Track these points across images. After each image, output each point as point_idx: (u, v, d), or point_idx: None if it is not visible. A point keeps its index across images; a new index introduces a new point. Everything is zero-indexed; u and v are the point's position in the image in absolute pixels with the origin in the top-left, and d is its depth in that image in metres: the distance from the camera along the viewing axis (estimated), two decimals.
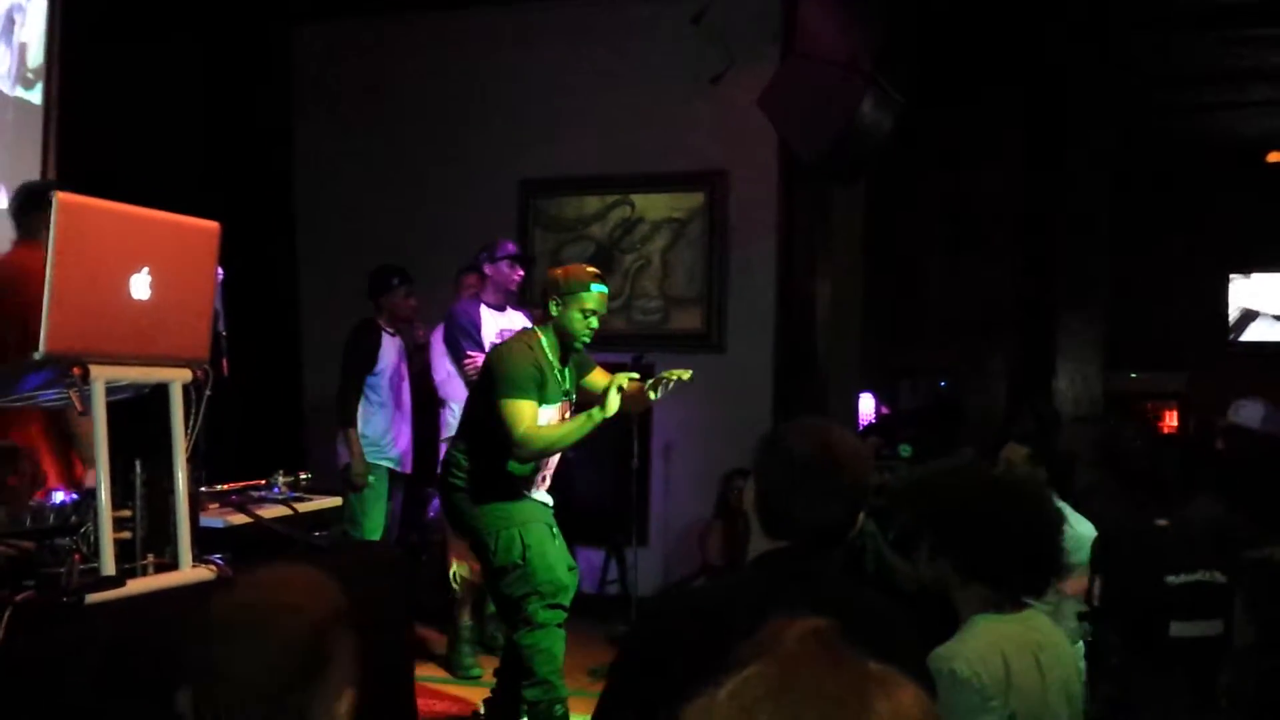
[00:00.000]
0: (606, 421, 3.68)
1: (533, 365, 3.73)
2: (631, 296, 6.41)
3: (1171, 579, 1.56)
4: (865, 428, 7.13)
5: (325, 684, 1.43)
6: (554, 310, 3.81)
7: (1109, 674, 1.62)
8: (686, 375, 3.76)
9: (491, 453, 3.75)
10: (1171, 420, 10.25)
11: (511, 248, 5.22)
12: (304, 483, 2.97)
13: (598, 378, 4.06)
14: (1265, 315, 10.33)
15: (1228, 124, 9.08)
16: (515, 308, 5.29)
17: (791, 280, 6.20)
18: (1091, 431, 4.52)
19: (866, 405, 8.23)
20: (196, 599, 2.32)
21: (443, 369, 5.25)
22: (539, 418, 3.72)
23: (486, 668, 5.09)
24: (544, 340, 3.83)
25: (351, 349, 5.38)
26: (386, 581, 3.08)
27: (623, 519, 6.00)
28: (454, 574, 5.04)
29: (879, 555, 4.32)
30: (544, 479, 3.95)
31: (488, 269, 5.16)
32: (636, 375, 3.82)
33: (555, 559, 3.85)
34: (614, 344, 6.29)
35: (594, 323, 3.85)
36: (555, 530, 3.95)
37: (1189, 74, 8.15)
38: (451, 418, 5.11)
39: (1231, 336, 10.39)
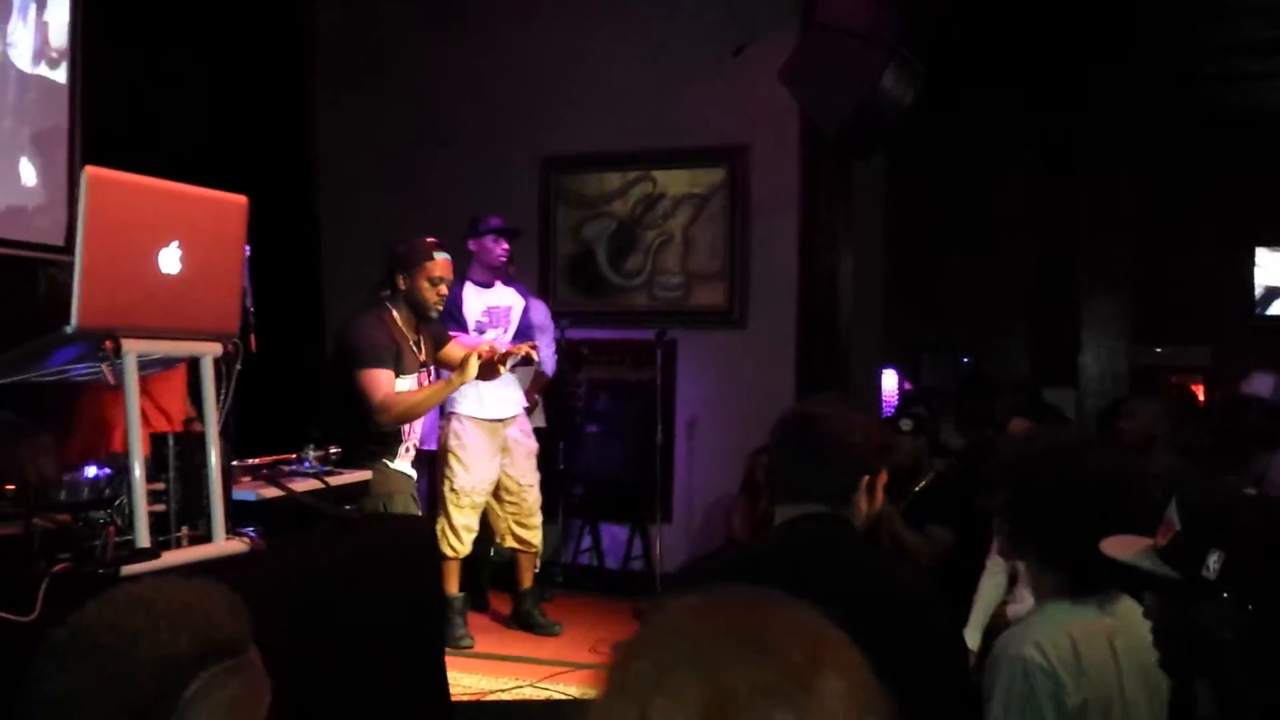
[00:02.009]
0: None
1: (386, 336, 3.84)
2: (653, 273, 6.40)
3: None
4: (902, 403, 7.09)
5: None
6: (402, 284, 3.93)
7: (1210, 649, 1.60)
8: (525, 349, 3.97)
9: (352, 426, 3.78)
10: (1198, 395, 10.17)
11: (495, 221, 5.21)
12: (334, 457, 2.98)
13: (454, 349, 4.15)
14: None
15: (1251, 95, 8.97)
16: (506, 283, 5.29)
17: (813, 255, 6.17)
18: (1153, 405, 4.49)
19: (889, 381, 8.20)
20: (229, 571, 2.34)
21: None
22: (396, 387, 3.81)
23: (515, 643, 5.13)
24: (396, 315, 3.93)
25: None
26: (416, 553, 3.09)
27: (647, 495, 6.03)
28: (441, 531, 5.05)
29: (893, 531, 4.33)
30: (407, 450, 4.01)
31: (471, 245, 5.17)
32: (490, 347, 3.92)
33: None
34: (636, 321, 6.31)
35: (443, 289, 3.96)
36: (417, 500, 4.07)
37: (1213, 45, 8.05)
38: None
39: (1256, 310, 10.30)
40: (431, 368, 4.05)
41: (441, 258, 3.95)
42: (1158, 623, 1.69)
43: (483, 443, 5.01)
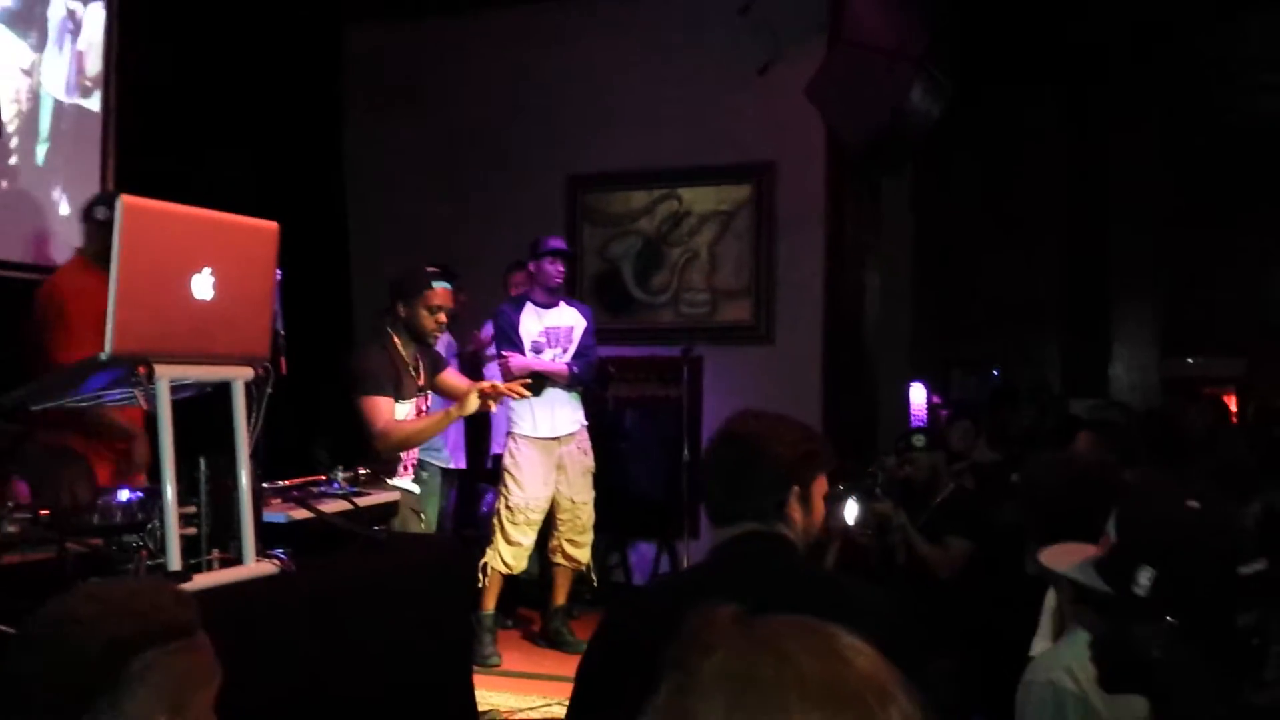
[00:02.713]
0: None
1: (387, 364, 3.91)
2: (679, 289, 6.42)
3: (1243, 569, 1.51)
4: (937, 418, 7.07)
5: (127, 707, 1.33)
6: (401, 312, 4.00)
7: (1142, 665, 1.57)
8: (520, 390, 3.93)
9: (356, 447, 3.85)
10: (1230, 406, 10.06)
11: (554, 243, 5.25)
12: (363, 478, 3.01)
13: (450, 378, 4.21)
14: None
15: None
16: (569, 303, 5.32)
17: (840, 271, 6.17)
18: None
19: (918, 395, 8.17)
20: (261, 593, 2.37)
21: (492, 367, 5.33)
22: (400, 412, 3.89)
23: (543, 661, 5.14)
24: (397, 341, 3.99)
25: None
26: (445, 573, 3.11)
27: (674, 512, 6.02)
28: (484, 564, 5.08)
29: (909, 546, 4.32)
30: (406, 468, 4.07)
31: (531, 266, 5.22)
32: (496, 386, 3.93)
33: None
34: (663, 338, 6.33)
35: (442, 318, 4.04)
36: (423, 517, 4.14)
37: (1239, 53, 8.00)
38: (502, 414, 5.19)
39: None
40: (428, 393, 4.11)
41: (440, 287, 4.03)
42: (1094, 637, 1.65)
43: (537, 461, 5.08)
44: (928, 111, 5.33)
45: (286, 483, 2.93)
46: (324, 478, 2.94)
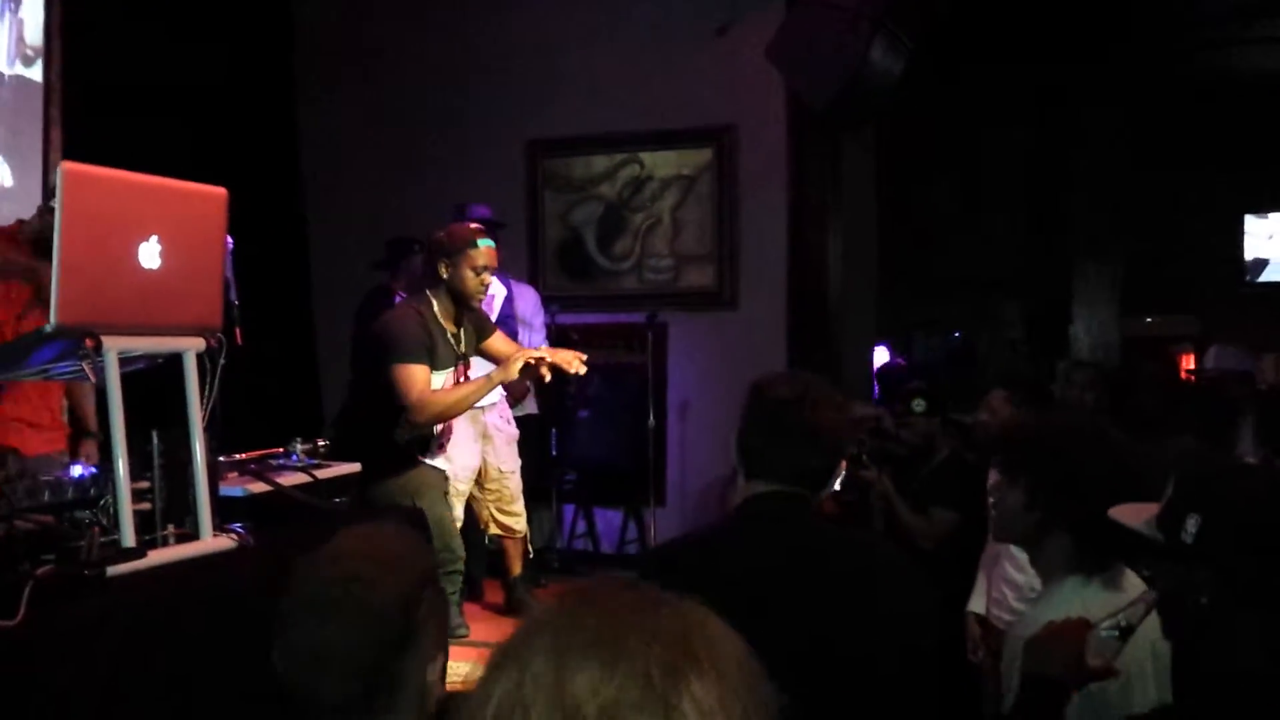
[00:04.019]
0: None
1: (421, 330, 3.75)
2: (643, 256, 6.37)
3: None
4: (891, 380, 7.08)
5: (417, 652, 1.45)
6: (444, 272, 3.83)
7: (1193, 614, 1.59)
8: (576, 364, 3.76)
9: (383, 424, 3.75)
10: (1188, 364, 10.19)
11: (480, 211, 5.14)
12: (322, 450, 2.95)
13: (498, 343, 4.07)
14: (1278, 261, 10.22)
15: (1241, 61, 8.94)
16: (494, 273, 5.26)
17: (803, 234, 6.14)
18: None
19: (881, 358, 8.18)
20: (223, 568, 2.32)
21: None
22: (431, 383, 3.74)
23: (504, 628, 5.10)
24: (435, 305, 3.84)
25: (364, 311, 5.41)
26: None
27: (640, 479, 6.00)
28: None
29: (889, 514, 4.29)
30: (441, 446, 3.95)
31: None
32: (544, 355, 3.75)
33: (450, 527, 3.90)
34: (627, 304, 6.28)
35: (487, 279, 3.88)
36: (450, 498, 4.03)
37: (1201, 10, 8.01)
38: None
39: (1246, 278, 10.29)
40: (470, 359, 3.96)
41: (485, 245, 3.86)
42: (1160, 588, 1.69)
43: (463, 431, 4.97)
44: (888, 70, 5.30)
45: (244, 455, 2.87)
46: (282, 451, 2.88)
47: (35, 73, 4.89)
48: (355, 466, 3.04)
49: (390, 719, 1.44)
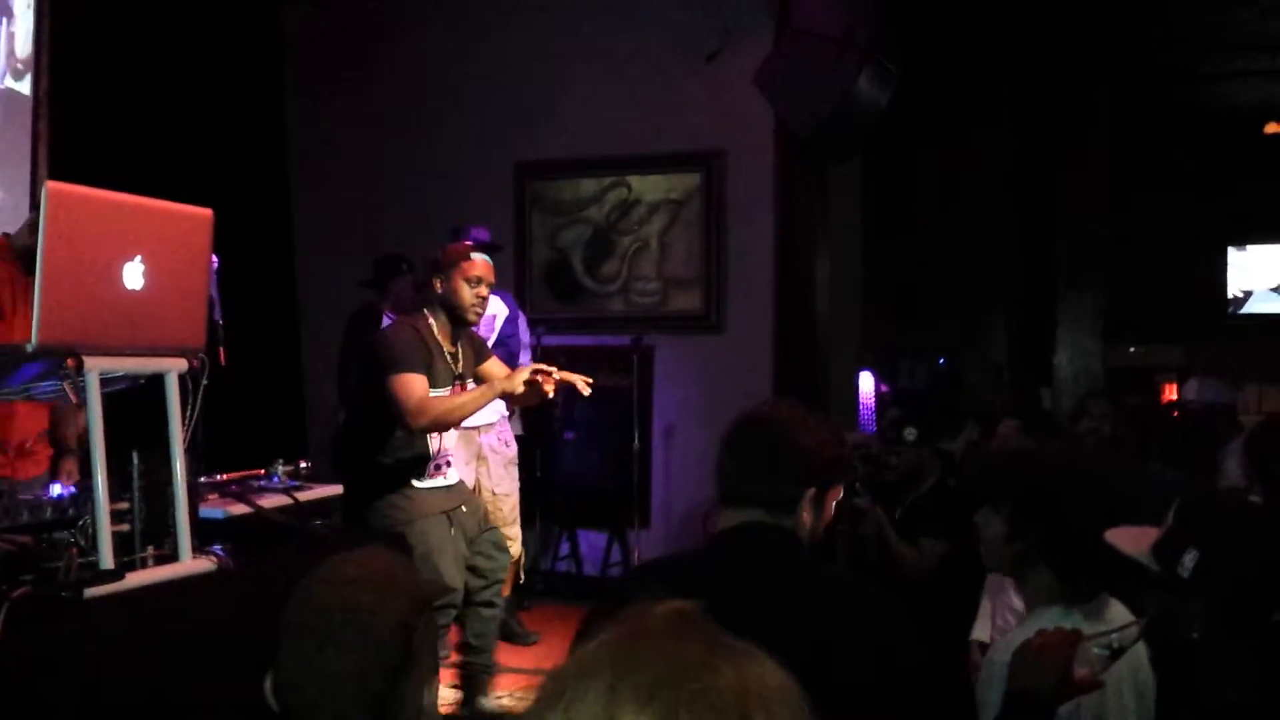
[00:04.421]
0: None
1: (419, 343, 3.71)
2: (630, 278, 6.38)
3: None
4: (880, 408, 7.08)
5: (412, 677, 1.48)
6: (439, 288, 3.80)
7: (1182, 647, 1.59)
8: (583, 384, 3.75)
9: (377, 445, 3.70)
10: (1171, 393, 10.23)
11: (477, 233, 5.13)
12: (304, 471, 2.94)
13: (494, 367, 4.02)
14: (1262, 290, 10.28)
15: (1226, 94, 9.02)
16: (494, 292, 5.25)
17: (790, 259, 6.16)
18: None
19: (866, 384, 8.20)
20: (203, 591, 2.30)
21: None
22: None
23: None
24: (432, 323, 3.80)
25: (350, 332, 5.40)
26: None
27: (625, 501, 5.99)
28: None
29: (882, 543, 4.27)
30: (438, 466, 3.87)
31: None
32: (553, 371, 3.70)
33: (443, 559, 3.76)
34: (613, 327, 6.29)
35: (483, 291, 3.83)
36: (455, 522, 3.87)
37: (1187, 43, 8.09)
38: None
39: (1230, 309, 10.36)
40: (469, 381, 3.91)
41: (480, 258, 3.83)
42: (1150, 617, 1.69)
43: (457, 451, 4.94)
44: (875, 100, 5.33)
45: (225, 476, 2.86)
46: (263, 472, 2.87)
47: (24, 86, 4.89)
48: (336, 489, 3.04)
49: None
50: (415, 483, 3.77)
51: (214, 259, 3.25)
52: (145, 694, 2.04)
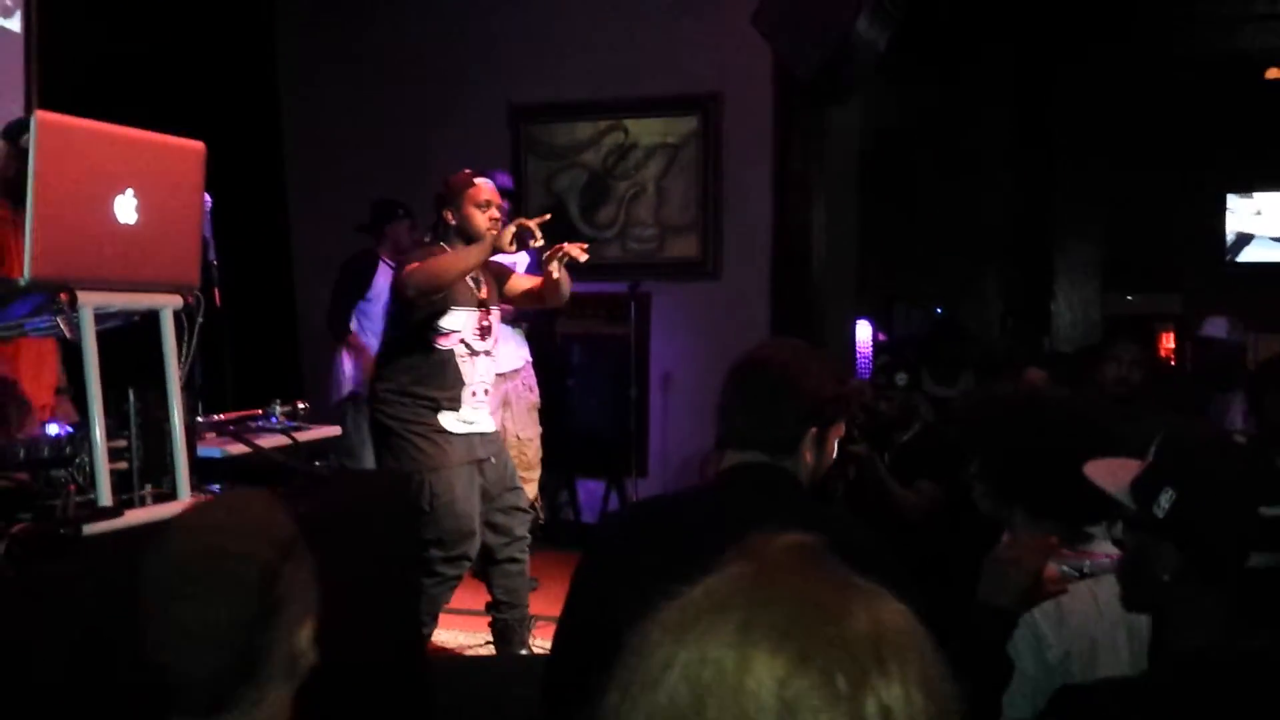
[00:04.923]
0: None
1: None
2: (626, 224, 6.33)
3: (1266, 510, 1.48)
4: (883, 359, 7.07)
5: (283, 620, 1.45)
6: (451, 219, 3.87)
7: (1154, 587, 1.57)
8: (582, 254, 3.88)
9: (409, 376, 3.78)
10: (1168, 342, 10.23)
11: (500, 179, 5.10)
12: (302, 412, 2.92)
13: (523, 281, 4.10)
14: (1261, 238, 10.25)
15: (1226, 39, 8.93)
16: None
17: (787, 205, 6.11)
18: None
19: (863, 332, 8.17)
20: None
21: None
22: (453, 321, 3.79)
23: (485, 595, 5.09)
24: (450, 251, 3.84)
25: (344, 272, 5.38)
26: (391, 509, 3.04)
27: (622, 449, 5.98)
28: None
29: (879, 487, 4.28)
30: (474, 394, 3.88)
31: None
32: (530, 224, 3.74)
33: (464, 509, 3.80)
34: (610, 273, 6.24)
35: (494, 213, 3.88)
36: (481, 473, 3.90)
37: None
38: None
39: (1228, 257, 10.33)
40: (493, 309, 3.96)
41: (483, 181, 3.89)
42: (1123, 555, 1.67)
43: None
44: (874, 40, 5.26)
45: (222, 416, 2.84)
46: (260, 412, 2.85)
47: (14, 24, 4.81)
48: (334, 430, 3.01)
49: (262, 688, 1.46)
50: (449, 425, 3.78)
51: (207, 199, 3.21)
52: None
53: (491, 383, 4.01)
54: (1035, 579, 1.72)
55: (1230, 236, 10.33)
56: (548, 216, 3.85)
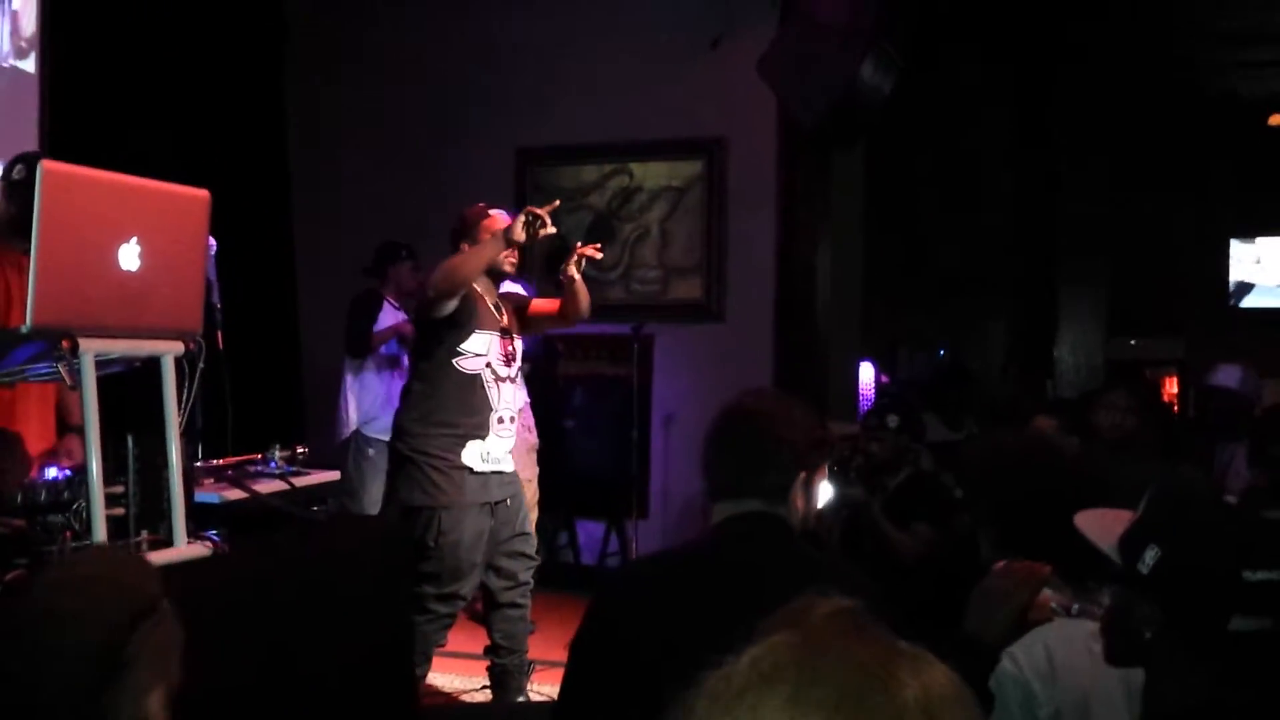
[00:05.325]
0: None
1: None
2: (630, 266, 6.35)
3: (1249, 575, 1.47)
4: (879, 398, 7.07)
5: (129, 685, 1.39)
6: (467, 251, 3.86)
7: (1135, 643, 1.56)
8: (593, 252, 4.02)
9: (434, 402, 3.78)
10: (1171, 387, 10.21)
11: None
12: (301, 457, 2.92)
13: (540, 304, 4.16)
14: (1262, 286, 10.26)
15: (1229, 86, 8.99)
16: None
17: (791, 249, 6.14)
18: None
19: (866, 374, 8.17)
20: (197, 576, 2.29)
21: None
22: (477, 344, 3.80)
23: (481, 639, 5.07)
24: (475, 284, 3.85)
25: (354, 304, 5.41)
26: (385, 555, 3.04)
27: (623, 491, 5.97)
28: None
29: (876, 529, 4.27)
30: (500, 420, 3.87)
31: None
32: (539, 211, 3.75)
33: (467, 550, 3.77)
34: (613, 315, 6.25)
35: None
36: (494, 515, 3.87)
37: (1190, 34, 8.05)
38: None
39: (1231, 303, 10.33)
40: (515, 337, 3.98)
41: (498, 213, 3.91)
42: (1108, 608, 1.65)
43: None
44: (879, 88, 5.30)
45: (221, 461, 2.84)
46: (260, 457, 2.85)
47: (29, 65, 4.87)
48: (333, 475, 3.02)
49: None
50: (470, 460, 3.77)
51: (212, 242, 3.23)
52: None
53: (517, 410, 4.00)
54: (1023, 614, 1.72)
55: (1233, 282, 10.34)
56: (557, 204, 3.85)
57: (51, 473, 2.40)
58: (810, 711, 0.78)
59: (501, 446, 3.90)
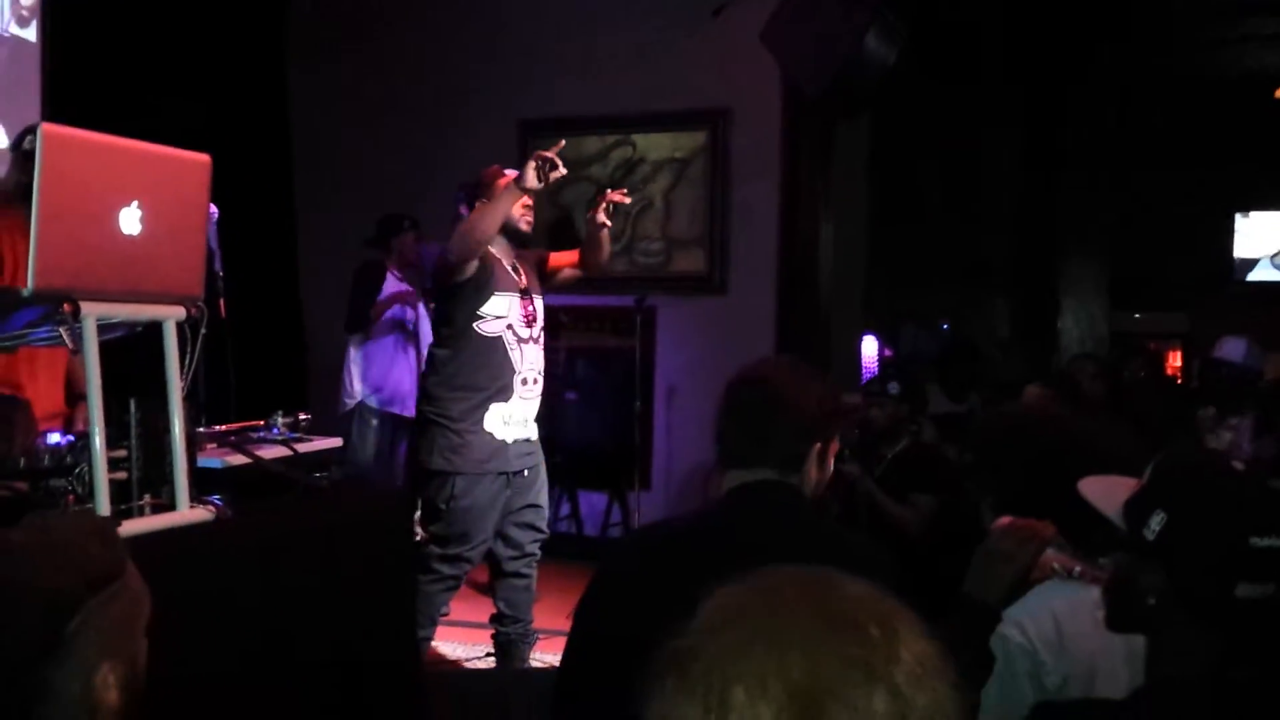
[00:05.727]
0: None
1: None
2: (633, 239, 6.34)
3: (1256, 541, 1.46)
4: (882, 371, 7.06)
5: (69, 661, 1.30)
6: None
7: (1138, 610, 1.55)
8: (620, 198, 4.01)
9: (455, 365, 3.79)
10: (1175, 361, 10.21)
11: None
12: (303, 424, 2.92)
13: (560, 256, 4.16)
14: (1264, 260, 10.24)
15: (1230, 60, 8.92)
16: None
17: (794, 221, 6.12)
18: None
19: (869, 348, 8.17)
20: (200, 541, 2.29)
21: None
22: (498, 306, 3.80)
23: (484, 608, 5.09)
24: (491, 246, 3.84)
25: (357, 277, 5.41)
26: (388, 521, 3.04)
27: (625, 462, 5.98)
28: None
29: (872, 502, 4.27)
30: (524, 382, 3.86)
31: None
32: (548, 154, 3.72)
33: (478, 516, 3.79)
34: (616, 287, 6.25)
35: (528, 199, 3.86)
36: (510, 484, 3.87)
37: (1194, 7, 7.99)
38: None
39: (1234, 276, 10.31)
40: (536, 297, 3.96)
41: (512, 172, 3.85)
42: (1111, 574, 1.64)
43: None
44: (883, 57, 5.26)
45: (224, 427, 2.85)
46: (262, 423, 2.85)
47: (31, 33, 4.85)
48: (336, 441, 3.02)
49: None
50: (493, 426, 3.77)
51: (213, 210, 3.22)
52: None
53: (540, 371, 3.97)
54: (1024, 575, 1.72)
55: (1237, 256, 10.32)
56: (563, 144, 3.83)
57: (54, 437, 2.40)
58: (791, 640, 0.81)
59: (525, 408, 3.89)
